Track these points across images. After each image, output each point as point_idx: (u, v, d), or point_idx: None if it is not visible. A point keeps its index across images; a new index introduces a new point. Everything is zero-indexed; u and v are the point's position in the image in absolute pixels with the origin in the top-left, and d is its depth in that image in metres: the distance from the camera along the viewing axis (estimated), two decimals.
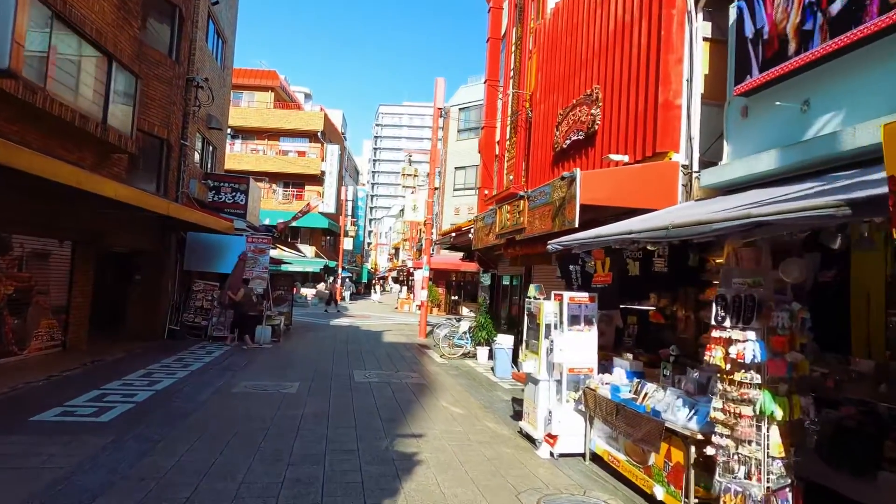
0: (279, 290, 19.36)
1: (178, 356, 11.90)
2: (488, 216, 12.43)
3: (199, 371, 10.35)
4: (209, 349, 13.29)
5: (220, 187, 17.35)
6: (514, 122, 15.62)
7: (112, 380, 8.92)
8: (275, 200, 43.14)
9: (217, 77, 18.06)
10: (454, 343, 14.29)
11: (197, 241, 15.08)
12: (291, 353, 13.56)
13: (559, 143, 11.52)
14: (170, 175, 14.16)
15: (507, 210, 10.88)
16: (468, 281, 36.12)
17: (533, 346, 6.93)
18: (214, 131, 18.22)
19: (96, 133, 9.98)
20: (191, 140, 15.61)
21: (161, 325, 14.31)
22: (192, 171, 15.90)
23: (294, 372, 10.88)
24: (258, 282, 15.29)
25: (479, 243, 13.05)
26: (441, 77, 19.06)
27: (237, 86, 45.52)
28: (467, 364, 13.47)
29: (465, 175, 35.31)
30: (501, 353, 11.73)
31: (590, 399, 5.94)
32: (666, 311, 7.23)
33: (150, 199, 9.88)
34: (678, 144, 8.06)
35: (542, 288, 7.07)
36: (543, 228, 8.89)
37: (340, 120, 59.41)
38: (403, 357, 14.05)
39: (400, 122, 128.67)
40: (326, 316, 27.18)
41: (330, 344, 15.96)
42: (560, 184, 8.22)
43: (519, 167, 14.70)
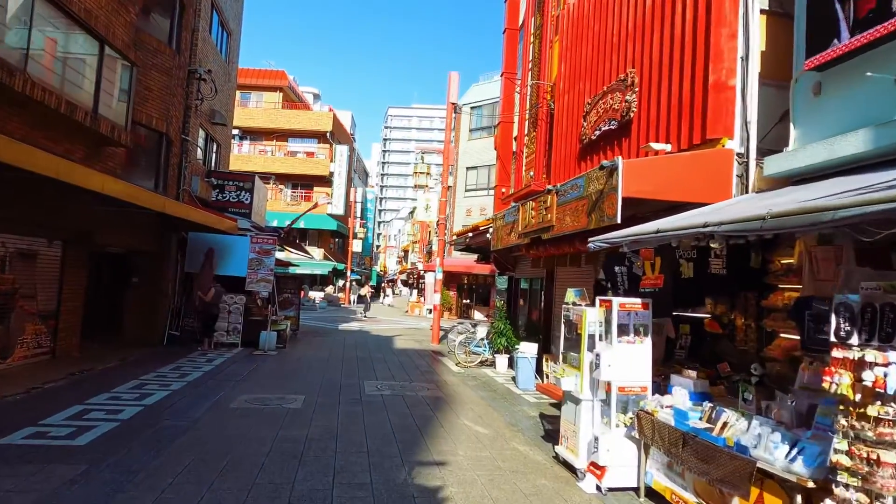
0: (286, 294, 18.56)
1: (176, 364, 11.07)
2: (509, 214, 11.53)
3: (197, 382, 9.50)
4: (210, 356, 12.45)
5: (225, 186, 16.56)
6: (533, 115, 14.73)
7: (99, 392, 8.09)
8: (283, 202, 42.49)
9: (221, 71, 17.29)
10: (471, 350, 13.38)
11: (199, 241, 14.28)
12: (297, 361, 12.70)
13: (587, 134, 10.60)
14: (170, 172, 13.36)
15: (532, 207, 9.97)
16: (480, 284, 35.23)
17: (572, 359, 6.01)
18: (218, 127, 17.44)
19: (85, 122, 9.18)
20: (193, 135, 14.83)
21: (160, 331, 13.50)
22: (194, 168, 15.11)
23: (299, 383, 10.01)
24: (263, 285, 14.46)
25: (498, 243, 12.15)
26: (455, 71, 18.25)
27: (245, 86, 44.96)
28: (485, 373, 12.55)
29: (478, 175, 34.47)
30: (524, 362, 10.80)
31: (645, 425, 5.01)
32: (723, 318, 6.29)
33: (143, 195, 9.06)
34: (732, 130, 7.12)
35: (585, 293, 6.14)
36: (576, 225, 7.97)
37: (349, 121, 58.77)
38: (417, 365, 13.16)
39: (409, 125, 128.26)
40: (335, 320, 26.35)
41: (339, 350, 15.09)
42: (597, 175, 7.30)
43: (540, 163, 13.80)
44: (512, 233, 11.17)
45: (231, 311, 14.28)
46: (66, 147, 9.47)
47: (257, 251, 14.62)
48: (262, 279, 14.45)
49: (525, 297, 15.66)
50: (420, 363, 13.62)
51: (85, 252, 10.93)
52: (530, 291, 15.05)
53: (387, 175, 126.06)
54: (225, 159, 18.71)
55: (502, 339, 12.89)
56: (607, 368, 5.32)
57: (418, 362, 13.75)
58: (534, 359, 10.86)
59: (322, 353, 14.27)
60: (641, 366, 5.38)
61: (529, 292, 15.06)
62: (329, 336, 19.04)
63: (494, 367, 13.25)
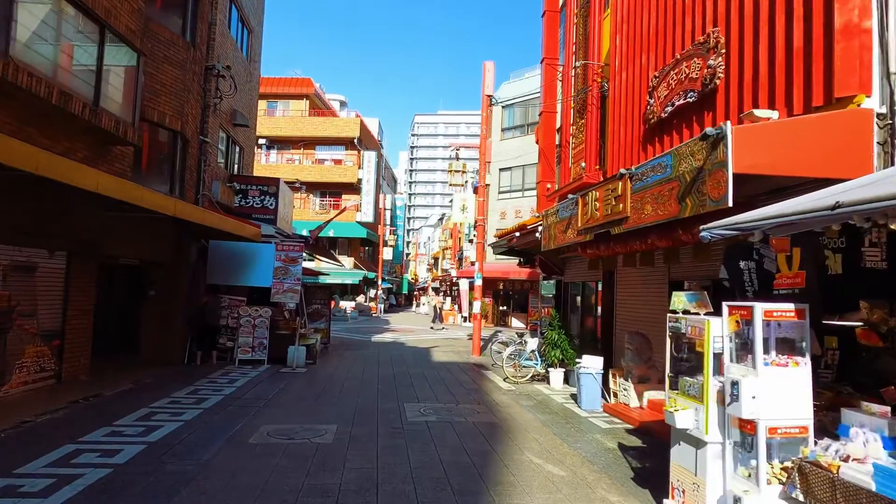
0: (315, 304, 17.42)
1: (195, 387, 9.90)
2: (564, 209, 10.07)
3: (214, 409, 8.28)
4: (233, 376, 11.28)
5: (248, 191, 15.50)
6: (581, 101, 13.28)
7: (99, 426, 6.90)
8: (311, 210, 41.72)
9: (242, 69, 16.29)
10: (521, 364, 11.91)
11: (220, 250, 13.19)
12: (329, 380, 11.43)
13: (655, 112, 9.11)
14: (187, 175, 12.30)
15: (596, 198, 8.50)
16: (517, 290, 33.67)
17: (689, 387, 4.52)
18: (241, 129, 16.43)
19: (84, 116, 8.09)
20: (212, 136, 13.80)
21: (180, 349, 12.40)
22: (214, 171, 14.07)
23: (331, 406, 8.71)
24: (290, 295, 13.26)
25: (550, 243, 10.69)
26: (489, 60, 16.91)
27: (271, 95, 44.52)
28: (539, 391, 11.06)
29: (511, 176, 33.00)
30: (588, 379, 9.30)
31: (817, 484, 3.51)
32: (880, 327, 4.74)
33: (148, 196, 7.92)
34: (869, 85, 5.58)
35: (704, 297, 4.65)
36: (662, 215, 6.48)
37: (377, 128, 58.01)
38: (460, 382, 11.75)
39: (436, 132, 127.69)
40: (367, 331, 25.13)
41: (373, 366, 13.79)
42: (693, 149, 5.82)
43: (592, 152, 12.35)
44: (569, 230, 9.71)
45: (256, 325, 13.12)
46: (65, 146, 8.42)
47: (283, 259, 13.45)
48: (288, 289, 13.26)
49: (577, 303, 14.13)
50: (463, 379, 12.21)
51: (93, 264, 9.87)
52: (583, 296, 13.52)
53: (414, 183, 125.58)
54: (248, 164, 17.70)
55: (556, 351, 11.39)
56: (750, 401, 3.83)
57: (461, 378, 12.35)
58: (599, 374, 9.35)
59: (356, 370, 12.98)
60: (799, 397, 3.87)
61: (583, 297, 13.53)
62: (362, 349, 17.78)
63: (548, 382, 11.76)
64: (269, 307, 13.30)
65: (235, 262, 13.29)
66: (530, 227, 11.94)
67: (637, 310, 10.38)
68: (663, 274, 9.49)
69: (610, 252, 9.20)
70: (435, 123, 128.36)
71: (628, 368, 9.06)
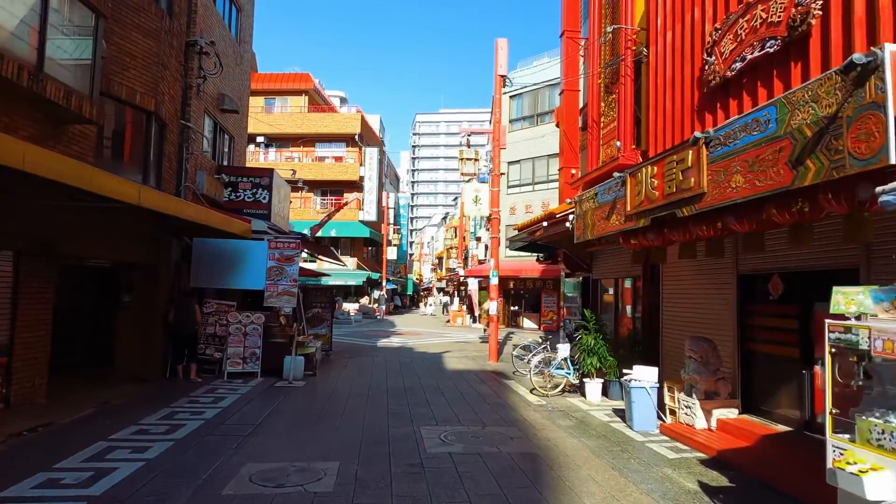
0: (315, 308, 15.91)
1: (172, 409, 8.37)
2: (605, 192, 8.51)
3: (189, 440, 6.74)
4: (220, 393, 9.75)
5: (238, 183, 13.96)
6: (610, 74, 11.75)
7: (31, 472, 5.36)
8: (312, 210, 40.22)
9: (231, 51, 14.77)
10: (550, 374, 10.34)
11: (206, 249, 11.66)
12: (330, 396, 9.88)
13: (716, 72, 7.56)
14: (165, 163, 10.77)
15: (652, 174, 6.93)
16: (529, 289, 32.09)
17: (883, 435, 2.95)
18: (230, 117, 14.90)
19: (22, 82, 6.56)
20: (196, 122, 12.27)
21: (160, 361, 10.87)
22: (199, 161, 12.54)
23: (331, 434, 7.17)
24: (285, 298, 11.70)
25: (586, 233, 9.12)
26: (503, 38, 15.32)
27: (269, 91, 43.06)
28: (575, 406, 9.50)
29: (521, 170, 31.45)
30: (641, 394, 7.73)
31: None
32: None
33: (101, 179, 6.36)
34: None
35: None
36: (765, 185, 4.90)
37: (378, 125, 56.44)
38: (482, 395, 10.20)
39: (437, 130, 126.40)
40: (372, 335, 23.58)
41: (380, 376, 12.25)
42: (819, 91, 4.26)
43: (626, 129, 10.82)
44: (612, 216, 8.14)
45: (247, 333, 11.59)
46: (4, 122, 6.89)
47: (277, 258, 11.90)
48: (284, 292, 11.70)
49: (609, 302, 12.55)
50: (484, 391, 10.65)
51: (51, 266, 8.34)
52: (618, 295, 11.94)
53: (417, 182, 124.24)
54: (240, 155, 16.17)
55: (593, 358, 9.82)
56: None
57: (481, 390, 10.79)
58: (654, 389, 7.78)
59: (361, 382, 11.44)
60: None
61: (617, 296, 11.95)
62: (367, 355, 16.24)
63: (582, 395, 10.21)
64: (261, 312, 11.78)
65: (223, 262, 11.75)
66: (559, 216, 10.37)
67: (691, 310, 8.80)
68: (729, 266, 7.91)
69: (661, 241, 7.64)
70: (437, 122, 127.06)
71: (690, 381, 7.48)
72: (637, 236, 8.20)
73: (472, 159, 15.96)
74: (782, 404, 7.04)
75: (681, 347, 9.01)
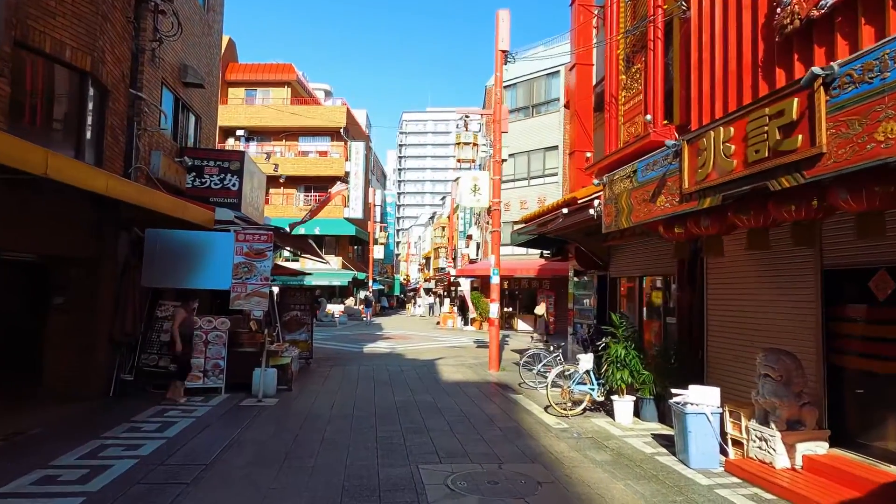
0: (294, 311, 14.12)
1: (102, 440, 6.57)
2: (647, 169, 6.87)
3: (107, 492, 4.97)
4: (171, 415, 7.96)
5: (203, 167, 12.13)
6: (633, 41, 10.19)
7: None
8: (295, 207, 38.33)
9: (197, 17, 12.96)
10: (570, 390, 8.66)
11: (160, 242, 9.84)
12: (305, 419, 8.12)
13: (796, 13, 5.93)
14: (107, 137, 8.94)
15: (727, 138, 5.28)
16: (524, 289, 30.45)
17: None
18: (196, 93, 13.08)
19: None
20: (151, 93, 10.45)
21: (102, 375, 9.05)
22: (154, 140, 10.71)
23: (303, 479, 5.43)
24: (255, 300, 9.90)
25: (621, 220, 7.48)
26: (504, 9, 13.68)
27: (249, 82, 41.06)
28: (604, 430, 7.85)
29: (515, 164, 29.73)
30: (699, 422, 6.08)
31: None
32: None
33: None
34: None
35: None
36: None
37: (365, 120, 54.56)
38: (490, 417, 8.51)
39: (425, 129, 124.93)
40: (358, 339, 21.78)
41: (367, 390, 10.51)
42: None
43: (656, 101, 9.23)
44: (660, 196, 6.49)
45: (209, 342, 9.79)
46: None
47: (246, 252, 10.12)
48: (253, 293, 9.92)
49: (630, 304, 10.91)
50: (492, 411, 8.97)
51: None
52: (643, 296, 10.30)
53: (404, 182, 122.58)
54: (208, 139, 14.34)
55: (624, 372, 8.17)
56: None
57: (488, 409, 9.10)
58: (716, 415, 6.14)
59: (344, 398, 9.69)
60: None
61: (642, 297, 10.32)
62: (352, 363, 14.48)
63: (608, 414, 8.58)
64: (228, 317, 9.99)
65: (181, 257, 9.94)
66: (582, 202, 8.71)
67: (750, 314, 7.17)
68: (809, 259, 6.29)
69: (720, 228, 6.04)
70: (424, 121, 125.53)
71: (766, 406, 5.85)
72: (684, 223, 6.58)
73: (470, 144, 14.29)
74: (890, 436, 5.44)
75: (731, 360, 7.40)
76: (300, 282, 32.68)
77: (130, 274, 9.67)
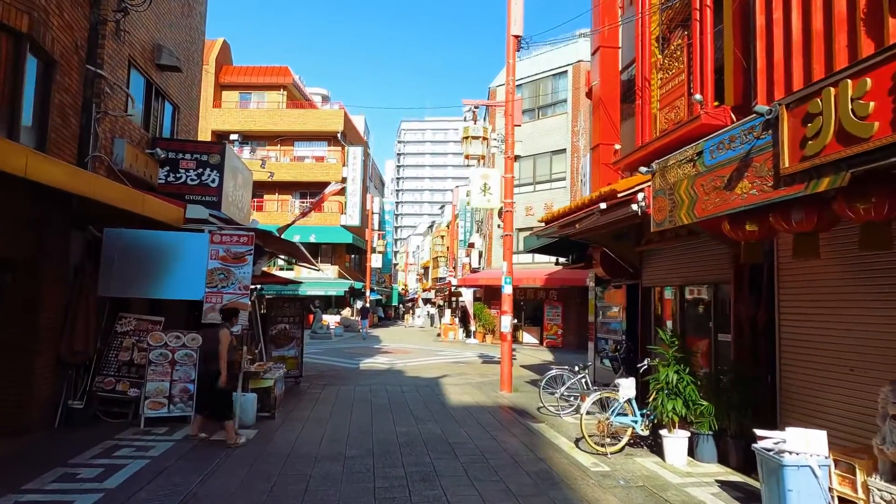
0: (282, 324, 12.63)
1: (17, 496, 5.06)
2: (719, 149, 5.42)
3: None
4: (118, 457, 6.44)
5: (179, 160, 10.65)
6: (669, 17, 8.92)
7: None
8: (290, 213, 36.84)
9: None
10: (610, 422, 7.15)
11: (122, 243, 8.36)
12: (285, 464, 6.57)
13: None
14: (53, 117, 7.48)
15: (860, 94, 3.85)
16: (529, 300, 28.87)
17: None
18: (172, 79, 11.65)
19: None
20: (115, 72, 9.01)
21: (43, 403, 7.52)
22: (119, 127, 9.26)
23: None
24: None
25: (677, 215, 6.03)
26: None
27: (244, 85, 39.72)
28: (657, 474, 6.34)
29: (520, 168, 28.25)
30: (804, 478, 4.58)
31: None
32: None
33: None
34: None
35: None
36: None
37: (363, 126, 53.22)
38: (513, 455, 6.99)
39: (423, 138, 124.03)
40: (354, 354, 20.22)
41: (363, 419, 8.98)
42: None
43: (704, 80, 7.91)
44: (742, 181, 5.04)
45: (177, 362, 8.28)
46: None
47: (222, 256, 8.65)
48: (231, 304, 8.41)
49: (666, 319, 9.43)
50: (513, 447, 7.45)
51: None
52: (686, 309, 8.82)
53: (402, 191, 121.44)
54: (188, 132, 12.89)
55: (677, 402, 6.68)
56: None
57: (508, 444, 7.58)
58: (824, 467, 4.65)
59: (336, 431, 8.17)
60: None
61: (684, 310, 8.84)
62: (347, 382, 12.95)
63: (656, 453, 7.09)
64: (196, 333, 8.48)
65: (146, 261, 8.45)
66: (623, 195, 7.24)
67: (844, 331, 5.70)
68: None
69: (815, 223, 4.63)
70: (422, 130, 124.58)
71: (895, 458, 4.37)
72: (762, 218, 5.16)
73: (479, 138, 12.86)
74: None
75: (818, 389, 5.93)
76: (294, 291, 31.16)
77: (85, 281, 8.17)
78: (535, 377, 14.61)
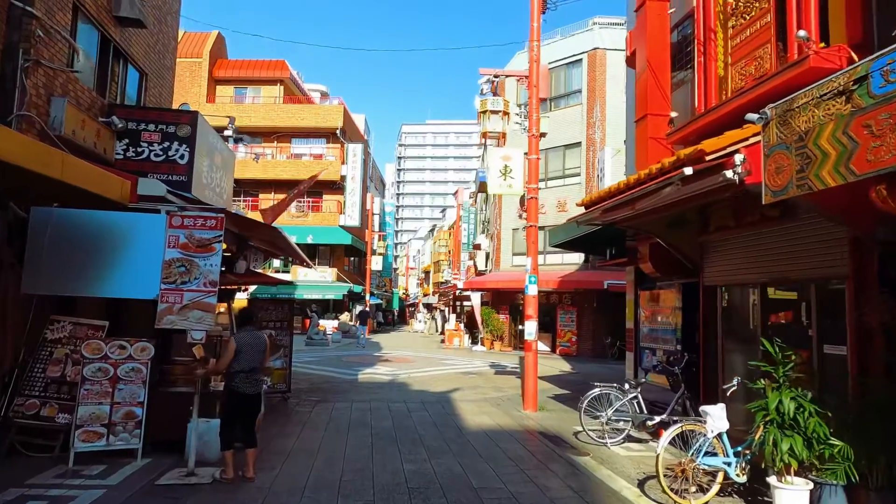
0: (267, 330, 10.72)
1: None
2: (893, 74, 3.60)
3: None
4: None
5: (140, 132, 8.80)
6: None
7: None
8: (287, 213, 35.00)
9: None
10: (696, 464, 5.27)
11: (54, 226, 6.49)
12: None
13: None
14: None
15: None
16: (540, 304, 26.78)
17: None
18: (137, 37, 9.84)
19: None
20: (54, 16, 7.20)
21: None
22: (58, 84, 7.43)
23: None
24: (195, 315, 6.50)
25: (810, 177, 4.19)
26: None
27: (240, 80, 38.00)
28: None
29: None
30: None
31: None
32: None
33: None
34: None
35: None
36: None
37: (363, 125, 51.43)
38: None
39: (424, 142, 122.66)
40: (352, 363, 18.29)
41: (361, 452, 7.09)
42: None
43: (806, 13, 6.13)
44: None
45: (120, 378, 6.41)
46: None
47: (183, 244, 6.76)
48: (193, 304, 6.54)
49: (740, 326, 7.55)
50: (559, 495, 5.56)
51: None
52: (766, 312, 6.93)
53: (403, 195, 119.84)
54: (160, 101, 11.04)
55: (795, 440, 4.81)
56: None
57: (551, 490, 5.69)
58: None
59: (324, 475, 6.25)
60: None
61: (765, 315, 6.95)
62: (343, 398, 11.06)
63: None
64: (147, 341, 6.61)
65: (85, 250, 6.59)
66: (713, 158, 5.37)
67: None
68: None
69: None
70: (423, 133, 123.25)
71: None
72: None
73: (499, 112, 11.03)
74: None
75: None
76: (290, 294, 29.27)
77: (3, 274, 6.33)
78: (557, 391, 12.75)
